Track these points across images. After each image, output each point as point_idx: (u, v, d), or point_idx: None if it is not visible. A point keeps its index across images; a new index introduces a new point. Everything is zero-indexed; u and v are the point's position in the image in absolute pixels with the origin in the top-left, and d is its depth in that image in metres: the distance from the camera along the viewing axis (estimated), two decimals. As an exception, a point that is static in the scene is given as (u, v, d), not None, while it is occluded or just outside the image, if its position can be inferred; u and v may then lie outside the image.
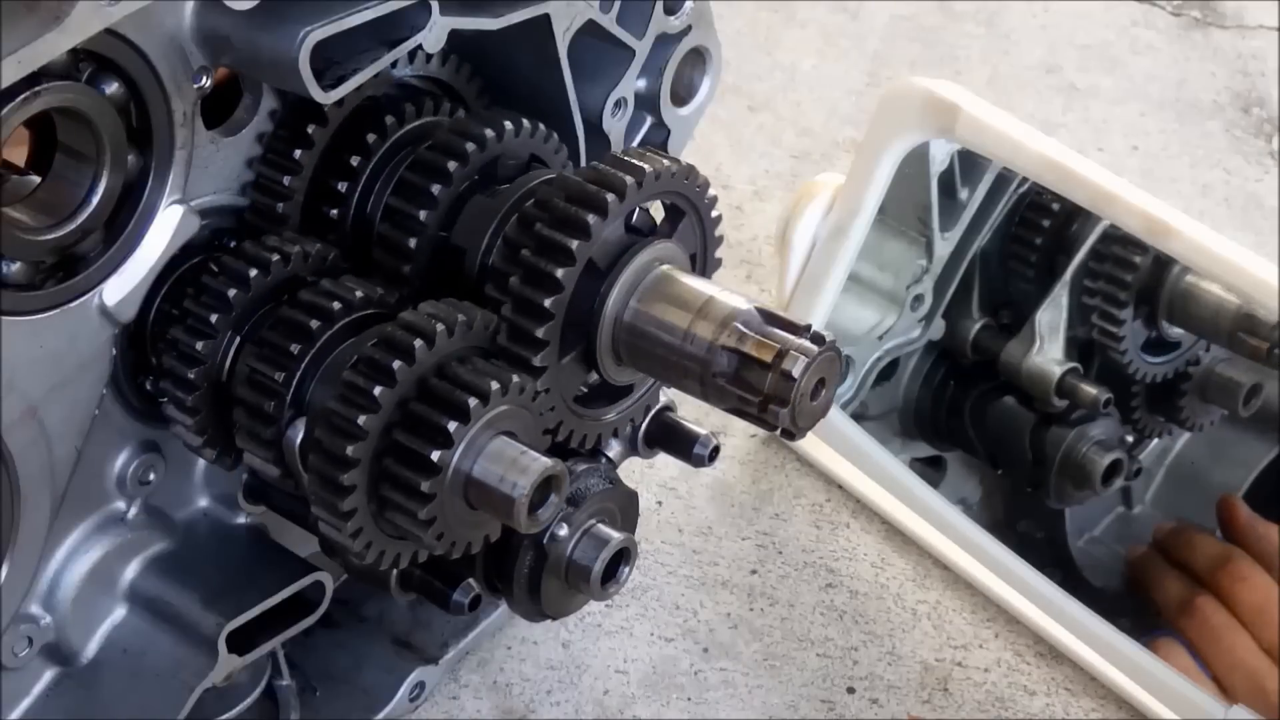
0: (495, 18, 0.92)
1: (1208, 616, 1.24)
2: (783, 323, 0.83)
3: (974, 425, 1.36)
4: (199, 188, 0.87)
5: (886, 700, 1.19)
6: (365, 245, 0.92)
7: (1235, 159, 1.81)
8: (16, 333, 0.81)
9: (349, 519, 0.81)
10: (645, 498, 1.20)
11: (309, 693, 1.07)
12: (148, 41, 0.81)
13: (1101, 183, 1.14)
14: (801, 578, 1.28)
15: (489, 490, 0.81)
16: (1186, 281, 1.29)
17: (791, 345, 0.81)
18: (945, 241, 1.31)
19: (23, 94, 0.76)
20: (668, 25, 1.02)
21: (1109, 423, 1.34)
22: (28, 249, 0.81)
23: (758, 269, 1.55)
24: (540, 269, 0.84)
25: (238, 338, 0.87)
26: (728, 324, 0.83)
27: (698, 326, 0.84)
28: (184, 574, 0.94)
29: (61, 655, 0.92)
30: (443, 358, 0.82)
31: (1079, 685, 1.22)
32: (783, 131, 1.74)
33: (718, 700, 1.17)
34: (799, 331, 0.82)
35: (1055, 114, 1.84)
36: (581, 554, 0.92)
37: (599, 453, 0.96)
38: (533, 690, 1.15)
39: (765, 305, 0.84)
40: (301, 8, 0.82)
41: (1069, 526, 1.39)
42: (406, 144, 0.93)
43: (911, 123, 1.22)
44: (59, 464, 0.87)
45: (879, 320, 1.33)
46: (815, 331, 0.82)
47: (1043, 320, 1.32)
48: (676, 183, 0.88)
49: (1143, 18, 2.05)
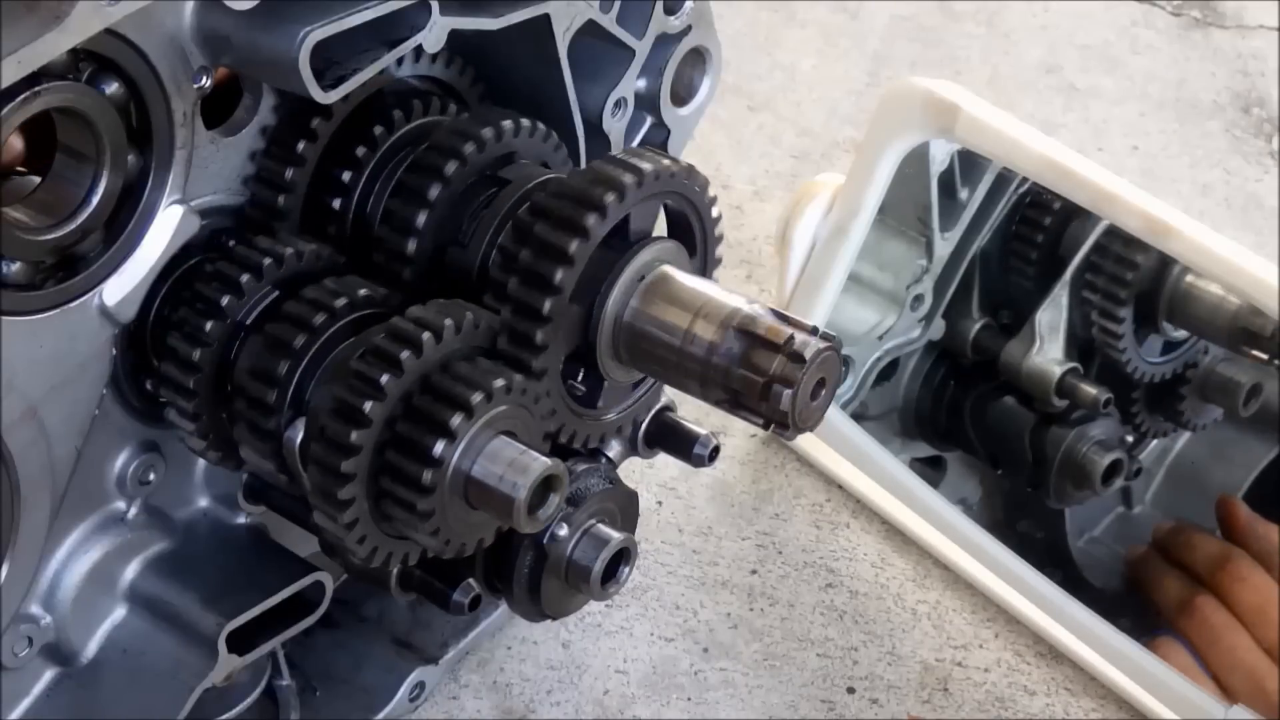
0: (495, 18, 0.92)
1: (1207, 616, 1.24)
2: (790, 320, 0.83)
3: (974, 425, 1.36)
4: (199, 188, 0.87)
5: (886, 700, 1.19)
6: (365, 248, 0.92)
7: (1235, 159, 1.81)
8: (16, 333, 0.81)
9: (346, 508, 0.81)
10: (645, 498, 1.20)
11: (309, 693, 1.07)
12: (148, 41, 0.81)
13: (1101, 183, 1.14)
14: (801, 578, 1.28)
15: (489, 490, 0.81)
16: (1186, 281, 1.29)
17: (775, 374, 0.82)
18: (945, 241, 1.31)
19: (23, 94, 0.76)
20: (668, 25, 1.02)
21: (1109, 423, 1.34)
22: (28, 249, 0.81)
23: (758, 269, 1.55)
24: (539, 270, 0.83)
25: (238, 337, 0.87)
26: (728, 324, 0.83)
27: (698, 326, 0.84)
28: (184, 574, 0.94)
29: (61, 655, 0.92)
30: (448, 354, 0.82)
31: (1079, 685, 1.22)
32: (783, 131, 1.74)
33: (718, 700, 1.17)
34: (805, 330, 0.83)
35: (1055, 114, 1.84)
36: (581, 554, 0.92)
37: (599, 453, 0.96)
38: (533, 690, 1.15)
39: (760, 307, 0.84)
40: (301, 8, 0.82)
41: (1069, 526, 1.39)
42: (406, 144, 0.93)
43: (911, 123, 1.22)
44: (59, 464, 0.87)
45: (879, 320, 1.33)
46: (793, 350, 0.82)
47: (1043, 320, 1.32)
48: (676, 183, 0.88)
49: (1143, 18, 2.05)
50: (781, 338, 0.82)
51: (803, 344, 0.82)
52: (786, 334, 0.82)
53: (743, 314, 0.84)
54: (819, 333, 0.83)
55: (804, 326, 0.83)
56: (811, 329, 0.83)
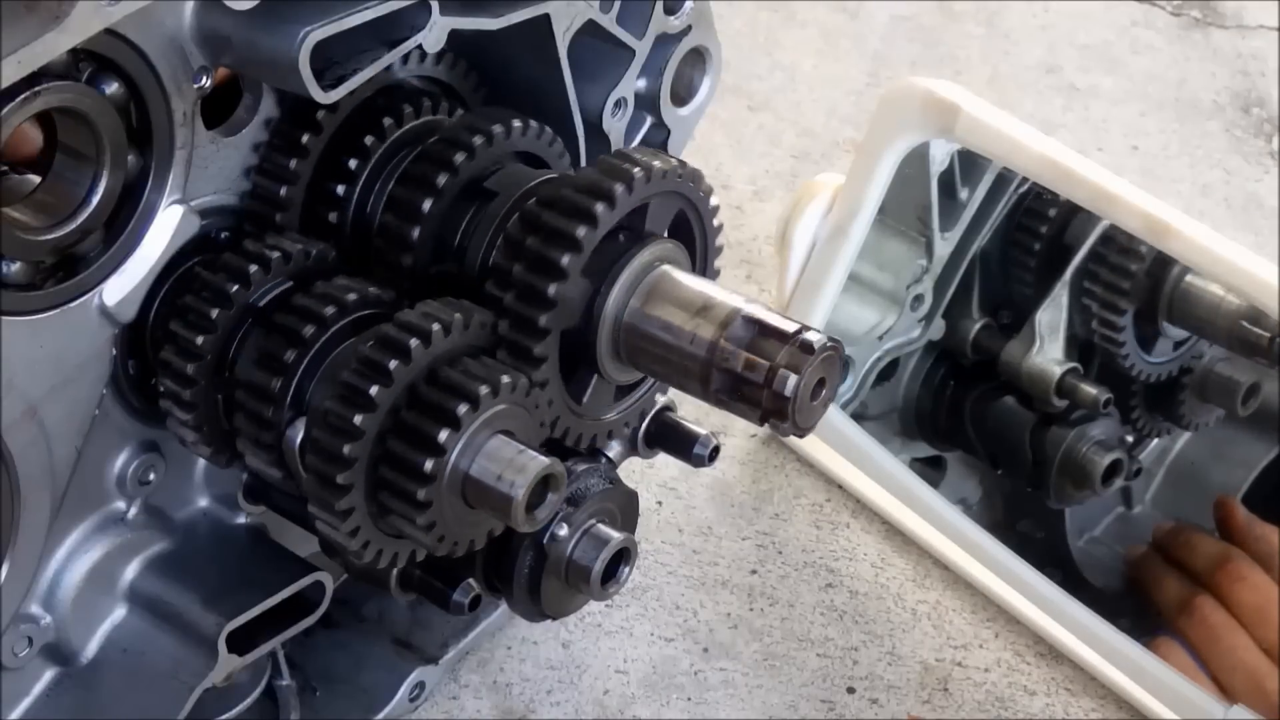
0: (495, 18, 0.92)
1: (1206, 616, 1.24)
2: (773, 331, 0.83)
3: (974, 425, 1.36)
4: (199, 188, 0.87)
5: (886, 700, 1.19)
6: (365, 241, 0.92)
7: (1235, 159, 1.81)
8: (16, 333, 0.81)
9: (346, 518, 0.81)
10: (645, 498, 1.20)
11: (309, 693, 1.07)
12: (148, 41, 0.81)
13: (1101, 183, 1.14)
14: (801, 578, 1.28)
15: (487, 489, 0.81)
16: (1186, 281, 1.29)
17: (781, 362, 0.82)
18: (945, 241, 1.31)
19: (23, 94, 0.76)
20: (668, 25, 1.02)
21: (1109, 423, 1.34)
22: (28, 249, 0.81)
23: (758, 269, 1.55)
24: (538, 271, 0.84)
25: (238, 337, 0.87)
26: (728, 324, 0.83)
27: (698, 327, 0.84)
28: (184, 574, 0.94)
29: (61, 655, 0.92)
30: (440, 356, 0.82)
31: (1079, 685, 1.22)
32: (783, 131, 1.74)
33: (718, 700, 1.17)
34: (789, 340, 0.82)
35: (1055, 114, 1.84)
36: (581, 554, 0.92)
37: (599, 453, 0.96)
38: (533, 690, 1.15)
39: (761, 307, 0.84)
40: (301, 8, 0.82)
41: (1069, 526, 1.39)
42: (406, 144, 0.93)
43: (911, 123, 1.22)
44: (59, 464, 0.87)
45: (879, 320, 1.33)
46: (803, 340, 0.82)
47: (1043, 320, 1.32)
48: (672, 182, 0.88)
49: (1143, 18, 2.05)
50: (792, 329, 0.82)
51: (783, 381, 0.82)
52: (797, 326, 0.83)
53: (745, 310, 0.84)
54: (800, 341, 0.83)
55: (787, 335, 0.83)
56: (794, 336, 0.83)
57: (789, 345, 0.82)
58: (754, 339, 0.83)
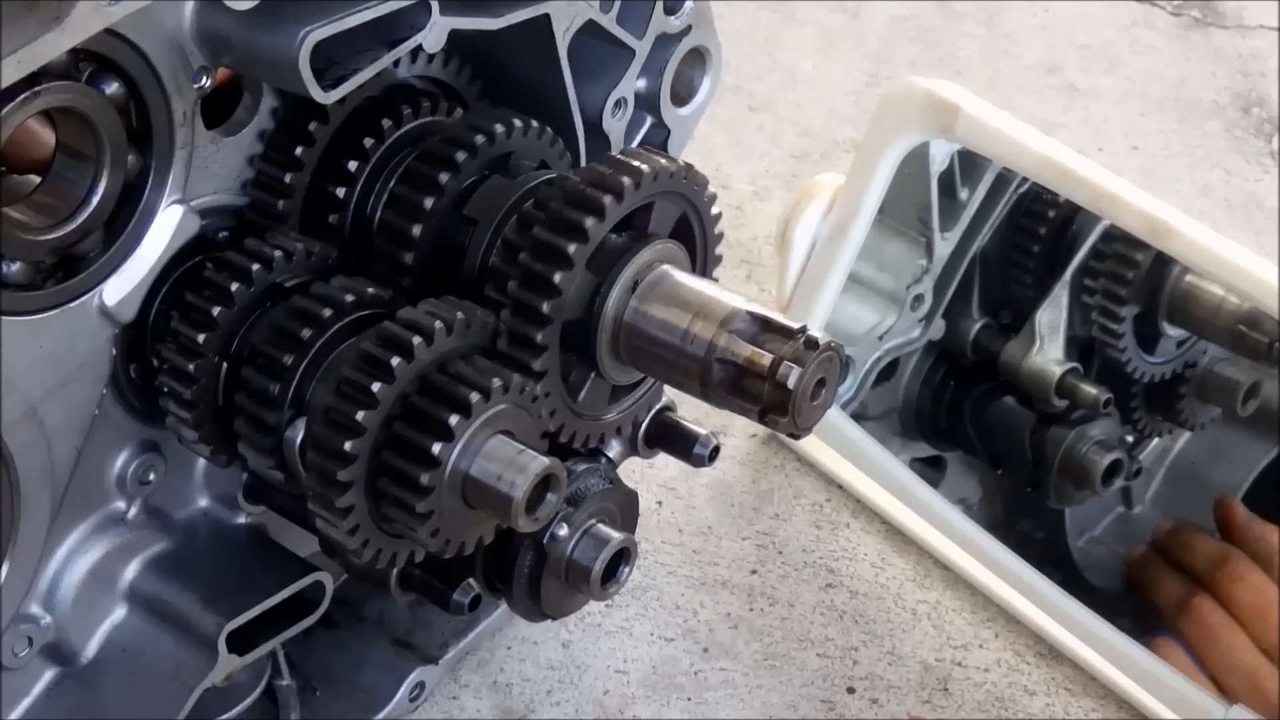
0: (495, 18, 0.92)
1: (1205, 616, 1.24)
2: (776, 327, 0.83)
3: (974, 425, 1.36)
4: (199, 188, 0.87)
5: (886, 700, 1.19)
6: (365, 241, 0.92)
7: (1235, 159, 1.81)
8: (16, 333, 0.81)
9: (345, 516, 0.81)
10: (645, 498, 1.20)
11: (309, 693, 1.07)
12: (148, 41, 0.81)
13: (1101, 183, 1.14)
14: (801, 578, 1.28)
15: (487, 489, 0.81)
16: (1186, 281, 1.29)
17: (785, 355, 0.82)
18: (945, 241, 1.31)
19: (23, 94, 0.76)
20: (668, 25, 1.02)
21: (1109, 423, 1.34)
22: (28, 249, 0.81)
23: (758, 269, 1.55)
24: (538, 271, 0.84)
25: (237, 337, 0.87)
26: (728, 324, 0.83)
27: (697, 326, 0.84)
28: (184, 574, 0.94)
29: (61, 655, 0.92)
30: (442, 355, 0.82)
31: (1079, 685, 1.22)
32: (783, 131, 1.74)
33: (718, 700, 1.17)
34: (793, 336, 0.83)
35: (1055, 114, 1.84)
36: (581, 554, 0.92)
37: (599, 453, 0.96)
38: (533, 690, 1.15)
39: (761, 306, 0.84)
40: (301, 8, 0.82)
41: (1069, 526, 1.39)
42: (406, 144, 0.93)
43: (911, 123, 1.22)
44: (59, 464, 0.87)
45: (879, 320, 1.33)
46: (808, 336, 0.82)
47: (1043, 320, 1.32)
48: (676, 182, 0.88)
49: (1143, 18, 2.05)
50: (765, 367, 0.82)
51: (787, 372, 0.82)
52: (768, 362, 0.82)
53: (749, 307, 0.84)
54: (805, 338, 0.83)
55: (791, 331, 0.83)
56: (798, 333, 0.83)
57: (793, 340, 0.82)
58: (758, 333, 0.83)
